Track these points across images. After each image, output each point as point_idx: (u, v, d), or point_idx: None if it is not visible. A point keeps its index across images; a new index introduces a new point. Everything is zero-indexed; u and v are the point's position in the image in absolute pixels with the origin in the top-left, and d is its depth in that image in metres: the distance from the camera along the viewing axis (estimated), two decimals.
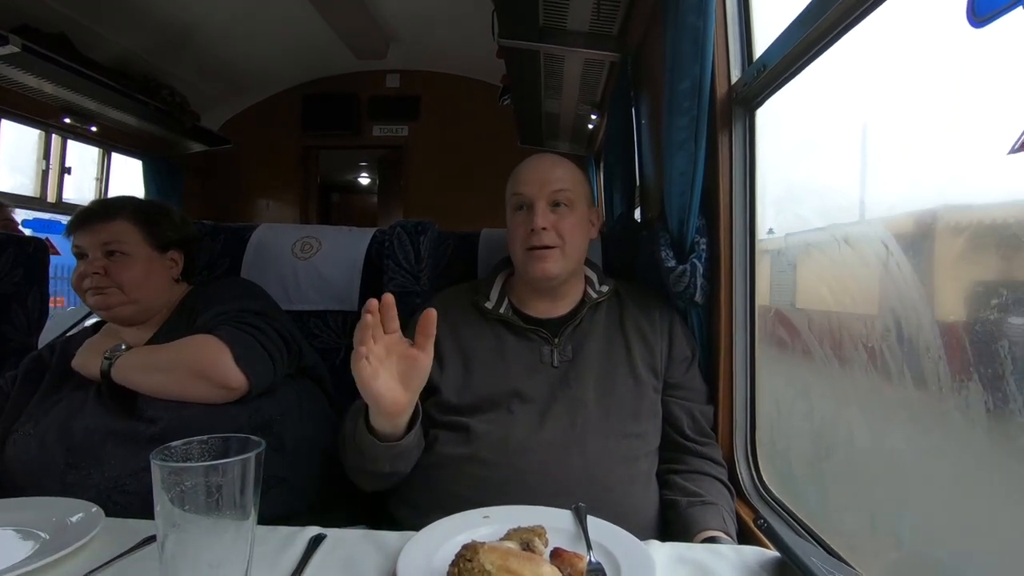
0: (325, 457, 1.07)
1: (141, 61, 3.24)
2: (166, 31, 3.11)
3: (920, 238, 0.76)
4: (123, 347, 1.00)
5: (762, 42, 1.08)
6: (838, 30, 0.79)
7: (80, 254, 1.04)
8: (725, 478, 1.03)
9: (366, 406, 0.85)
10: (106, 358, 0.98)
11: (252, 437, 0.60)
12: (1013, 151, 0.50)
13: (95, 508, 0.75)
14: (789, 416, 1.10)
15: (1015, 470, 0.61)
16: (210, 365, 0.94)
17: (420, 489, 0.98)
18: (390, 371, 0.81)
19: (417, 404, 0.88)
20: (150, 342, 1.05)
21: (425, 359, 0.82)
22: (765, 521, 0.73)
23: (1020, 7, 0.47)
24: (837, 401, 0.99)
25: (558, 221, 1.05)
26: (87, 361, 0.99)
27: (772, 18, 1.03)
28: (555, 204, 1.06)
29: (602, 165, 2.97)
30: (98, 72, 2.81)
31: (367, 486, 0.97)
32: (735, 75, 1.11)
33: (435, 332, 0.81)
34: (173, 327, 1.06)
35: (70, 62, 2.61)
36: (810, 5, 0.82)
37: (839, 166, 0.97)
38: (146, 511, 0.87)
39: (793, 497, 1.00)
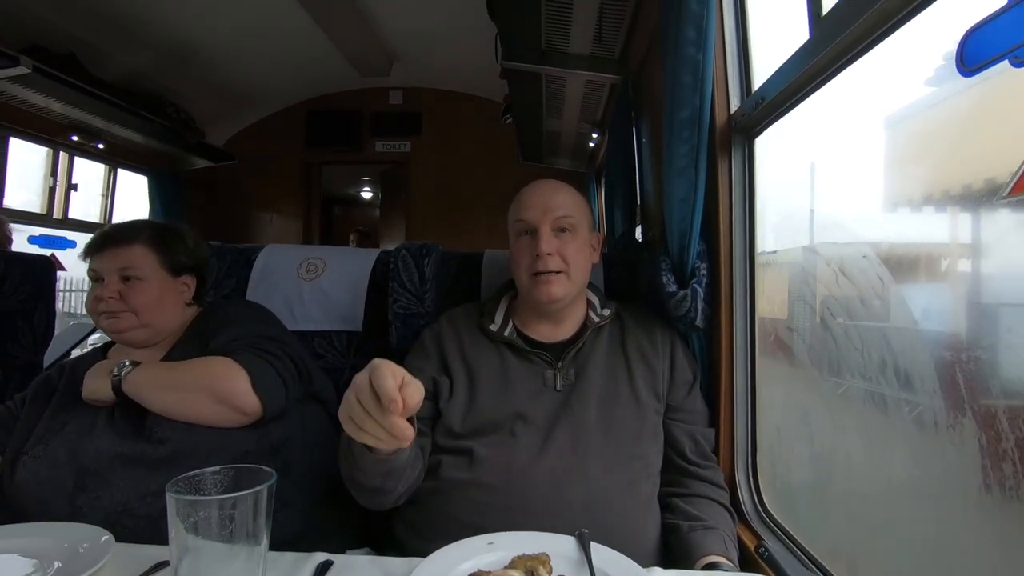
0: (330, 481, 1.08)
1: (148, 79, 3.28)
2: (172, 50, 3.15)
3: (807, 264, 1.12)
4: (127, 363, 1.00)
5: (760, 72, 1.11)
6: (832, 69, 0.82)
7: (96, 278, 1.06)
8: (727, 502, 1.04)
9: None
10: (114, 376, 0.98)
11: (264, 468, 0.61)
12: (1004, 197, 0.52)
13: (106, 536, 0.76)
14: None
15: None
16: (228, 389, 0.95)
17: (423, 513, 0.99)
18: None
19: (412, 418, 0.77)
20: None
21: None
22: (766, 549, 0.73)
23: (1007, 60, 0.49)
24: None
25: (562, 246, 1.07)
26: (96, 386, 1.00)
27: (771, 51, 1.06)
28: (559, 230, 1.08)
29: (603, 183, 3.00)
30: (105, 90, 2.84)
31: (362, 500, 0.94)
32: (734, 104, 1.14)
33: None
34: (184, 350, 1.08)
35: (78, 81, 2.65)
36: (805, 44, 0.85)
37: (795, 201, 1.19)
38: (155, 535, 0.88)
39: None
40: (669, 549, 0.98)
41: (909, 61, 0.75)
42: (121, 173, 3.64)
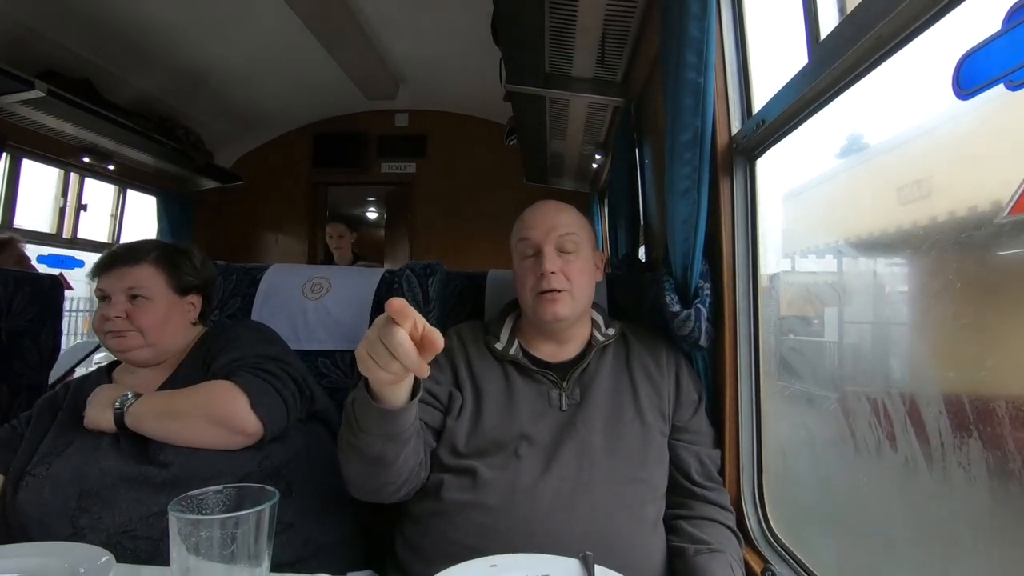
0: (332, 502, 1.07)
1: (159, 102, 3.35)
2: (185, 74, 3.22)
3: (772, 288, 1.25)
4: (130, 395, 1.00)
5: (761, 95, 1.13)
6: (830, 93, 0.84)
7: (103, 297, 1.07)
8: (733, 524, 1.02)
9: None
10: (116, 409, 0.98)
11: (266, 487, 0.61)
12: (1006, 214, 0.52)
13: (107, 556, 0.75)
14: None
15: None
16: (228, 412, 0.96)
17: (425, 535, 0.98)
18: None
19: (419, 381, 0.82)
20: (166, 383, 1.07)
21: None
22: (773, 573, 0.72)
23: (1002, 84, 0.50)
24: None
25: (566, 265, 1.08)
26: (98, 416, 0.99)
27: (771, 74, 1.08)
28: (562, 249, 1.09)
29: (606, 203, 3.03)
30: (118, 114, 2.90)
31: (359, 485, 0.92)
32: (735, 127, 1.15)
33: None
34: (189, 369, 1.08)
35: (92, 105, 2.71)
36: (804, 68, 0.86)
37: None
38: (155, 556, 0.88)
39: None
40: (674, 573, 0.97)
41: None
42: (130, 193, 3.69)
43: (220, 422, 0.96)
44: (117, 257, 1.10)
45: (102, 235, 3.56)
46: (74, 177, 3.22)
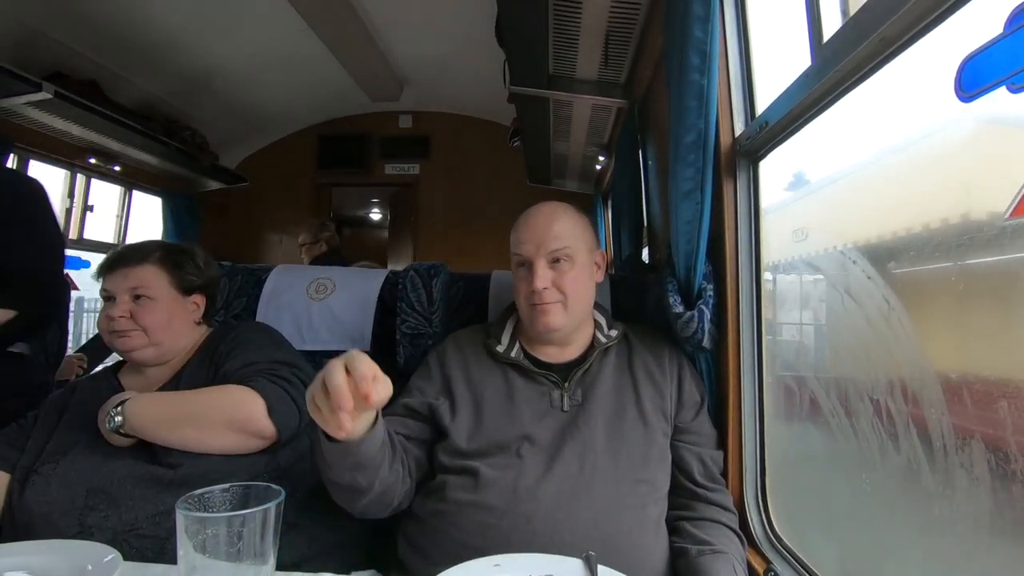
0: (336, 503, 1.08)
1: (165, 104, 3.36)
2: (191, 76, 3.24)
3: None
4: (113, 412, 0.97)
5: (764, 97, 1.13)
6: (833, 95, 0.84)
7: (108, 297, 1.08)
8: (736, 525, 1.02)
9: None
10: (109, 427, 0.96)
11: (272, 486, 0.62)
12: (1005, 219, 0.52)
13: (113, 554, 0.76)
14: None
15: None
16: (246, 417, 0.97)
17: (428, 535, 0.98)
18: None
19: (377, 412, 0.84)
20: (171, 382, 1.08)
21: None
22: (776, 574, 0.72)
23: (1004, 86, 0.50)
24: None
25: (558, 277, 1.07)
26: (111, 440, 0.99)
27: (774, 75, 1.08)
28: (555, 260, 1.08)
29: (610, 204, 3.03)
30: (124, 115, 2.91)
31: (346, 505, 0.95)
32: (739, 128, 1.15)
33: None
34: (195, 368, 1.09)
35: (98, 107, 2.72)
36: (807, 70, 0.86)
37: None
38: (160, 555, 0.89)
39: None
40: (677, 573, 0.97)
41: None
42: (136, 194, 3.71)
43: (239, 428, 0.97)
44: (121, 257, 1.11)
45: (108, 236, 3.58)
46: (80, 178, 3.23)
